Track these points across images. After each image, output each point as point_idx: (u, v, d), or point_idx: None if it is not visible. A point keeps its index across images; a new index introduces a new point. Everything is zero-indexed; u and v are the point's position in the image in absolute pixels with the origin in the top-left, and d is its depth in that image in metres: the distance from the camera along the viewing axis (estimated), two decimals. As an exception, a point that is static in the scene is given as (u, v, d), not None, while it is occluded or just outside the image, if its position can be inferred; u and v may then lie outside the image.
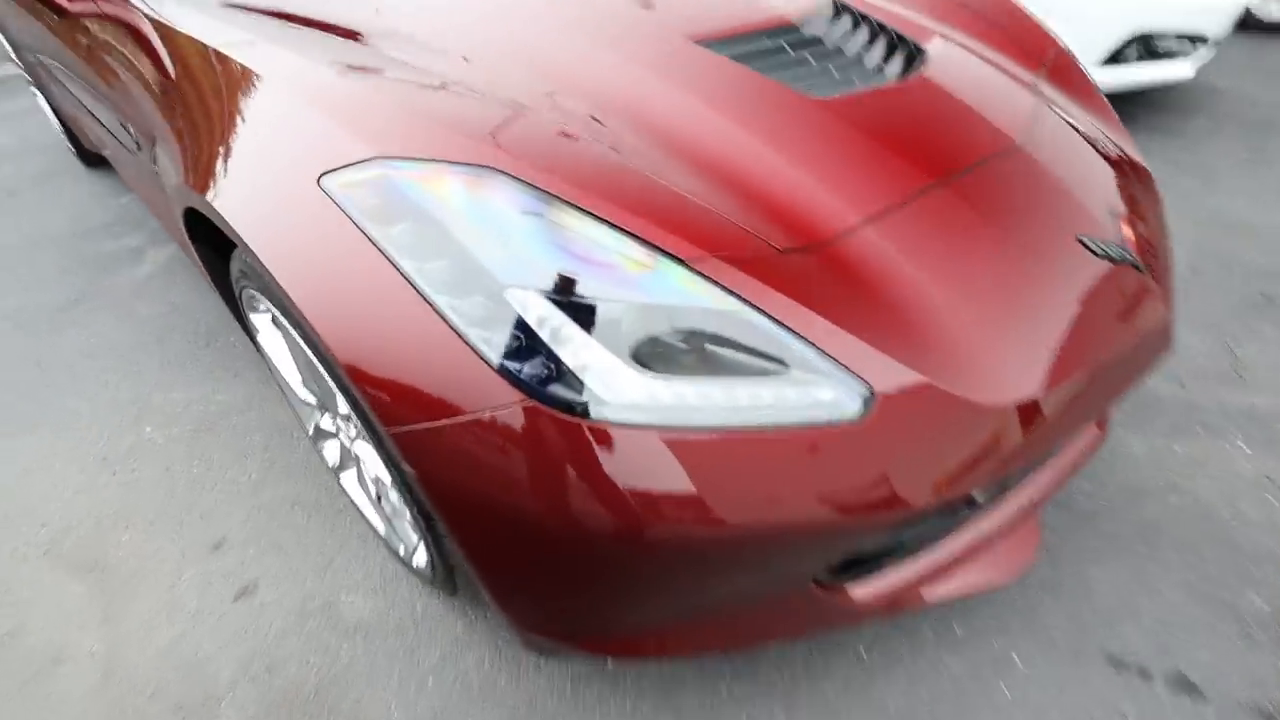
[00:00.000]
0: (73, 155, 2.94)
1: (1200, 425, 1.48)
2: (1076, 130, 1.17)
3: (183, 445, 1.53)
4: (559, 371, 0.66)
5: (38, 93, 2.86)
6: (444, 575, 1.05)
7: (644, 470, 0.66)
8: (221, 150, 0.88)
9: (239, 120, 0.90)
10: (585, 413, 0.66)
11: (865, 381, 0.72)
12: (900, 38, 1.24)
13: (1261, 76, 3.53)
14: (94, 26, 1.38)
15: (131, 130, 1.35)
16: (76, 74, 1.63)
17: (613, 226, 0.72)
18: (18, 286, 2.12)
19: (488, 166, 0.73)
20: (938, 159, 0.94)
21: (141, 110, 1.21)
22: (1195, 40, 2.76)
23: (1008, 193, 0.95)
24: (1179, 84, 3.26)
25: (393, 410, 0.70)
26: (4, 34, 2.71)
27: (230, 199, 0.84)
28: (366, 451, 1.08)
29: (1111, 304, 0.91)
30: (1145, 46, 2.69)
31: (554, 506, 0.67)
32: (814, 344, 0.72)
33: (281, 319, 0.96)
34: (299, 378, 1.21)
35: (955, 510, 0.87)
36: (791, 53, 1.12)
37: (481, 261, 0.68)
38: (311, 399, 1.22)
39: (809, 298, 0.74)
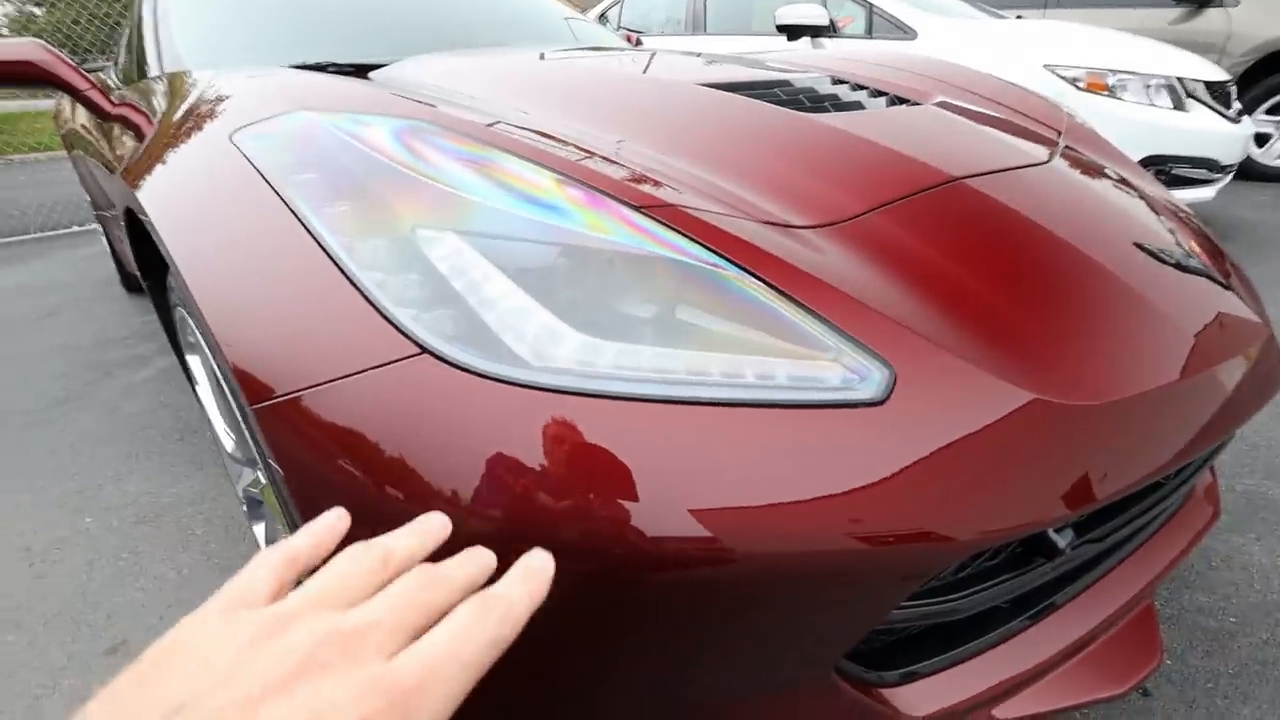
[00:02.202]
0: (118, 283, 3.09)
1: (1334, 530, 1.18)
2: (1112, 170, 1.06)
3: (118, 537, 1.35)
4: (471, 325, 0.51)
5: (103, 235, 3.10)
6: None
7: (569, 451, 0.47)
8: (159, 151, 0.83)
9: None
10: (497, 377, 0.49)
11: (885, 361, 0.54)
12: (901, 98, 1.20)
13: (1288, 211, 3.49)
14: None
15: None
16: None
17: (561, 174, 0.60)
18: (12, 387, 2.09)
19: (420, 119, 0.64)
20: (954, 163, 0.83)
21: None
22: (1210, 166, 2.76)
23: (1042, 196, 0.82)
24: (1203, 205, 3.21)
25: (259, 382, 0.54)
26: (84, 185, 3.00)
27: (152, 183, 0.76)
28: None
29: (1192, 311, 0.73)
30: (1160, 172, 2.69)
31: (442, 496, 0.47)
32: (820, 314, 0.55)
33: (200, 338, 0.83)
34: (224, 423, 1.05)
35: (1029, 562, 0.63)
36: (785, 96, 1.07)
37: (392, 203, 0.56)
38: (232, 444, 1.06)
39: (819, 269, 0.59)
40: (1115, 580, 0.75)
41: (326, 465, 0.51)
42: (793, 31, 3.12)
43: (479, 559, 0.30)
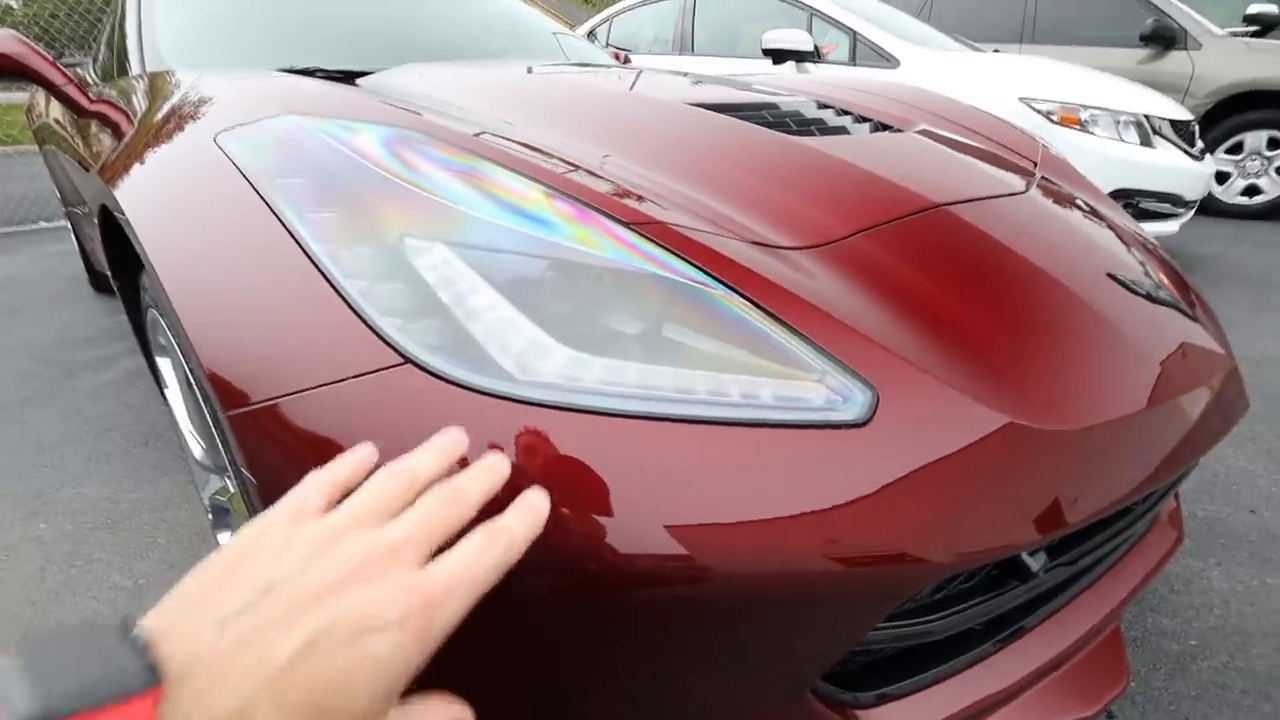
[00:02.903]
0: (86, 282, 3.01)
1: (1290, 556, 1.21)
2: (1085, 201, 1.10)
3: (71, 544, 1.30)
4: (456, 336, 0.50)
5: (71, 233, 3.02)
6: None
7: (552, 466, 0.47)
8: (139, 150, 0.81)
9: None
10: (482, 389, 0.48)
11: (868, 382, 0.54)
12: (884, 124, 1.22)
13: (1248, 247, 3.62)
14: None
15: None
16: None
17: (551, 188, 0.60)
18: (-28, 386, 2.01)
19: (410, 128, 0.63)
20: (937, 190, 0.85)
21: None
22: (1174, 201, 2.86)
23: (1021, 225, 0.84)
24: (1167, 238, 3.32)
25: (235, 388, 0.53)
26: (55, 181, 2.93)
27: (130, 182, 0.74)
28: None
29: (1161, 340, 0.75)
30: (1128, 205, 2.78)
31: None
32: (805, 336, 0.56)
33: (173, 340, 0.81)
34: (193, 429, 1.03)
35: (1002, 584, 0.64)
36: (771, 118, 1.09)
37: (380, 211, 0.56)
38: (201, 451, 1.03)
39: (805, 291, 0.60)
40: (1085, 603, 0.76)
41: (302, 475, 0.50)
42: (778, 56, 3.18)
43: (492, 473, 0.36)
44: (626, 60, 2.38)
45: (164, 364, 1.03)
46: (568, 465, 0.47)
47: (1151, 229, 2.84)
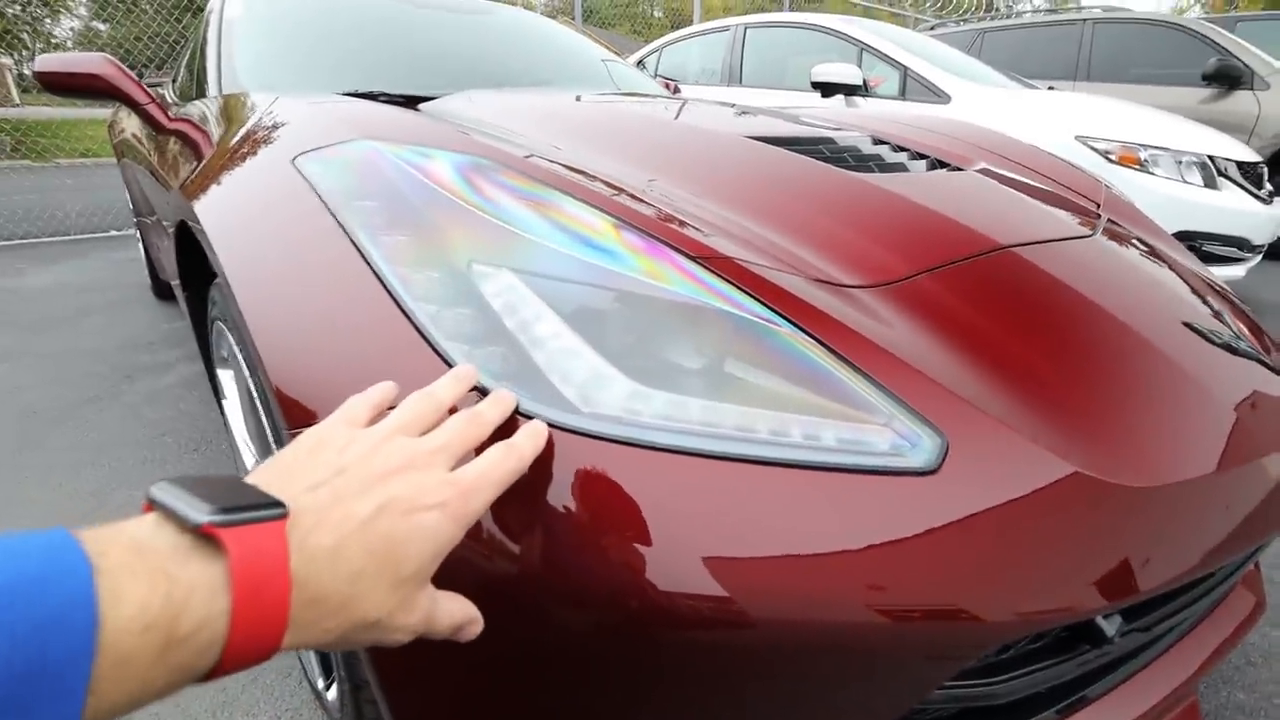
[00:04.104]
0: (149, 289, 3.15)
1: (1379, 631, 1.12)
2: (1153, 245, 1.06)
3: (125, 544, 1.34)
4: (521, 364, 0.50)
5: (139, 241, 3.17)
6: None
7: (611, 501, 0.46)
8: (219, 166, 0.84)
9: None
10: (543, 419, 0.48)
11: (937, 428, 0.53)
12: (941, 162, 1.20)
13: (1318, 294, 3.46)
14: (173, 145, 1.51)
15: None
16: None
17: (619, 219, 0.60)
18: (39, 383, 2.11)
19: (482, 156, 0.65)
20: (1002, 231, 0.83)
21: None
22: (1241, 244, 2.75)
23: (1090, 269, 0.81)
24: (1233, 284, 3.19)
25: (301, 406, 0.54)
26: (129, 192, 3.09)
27: (210, 198, 0.77)
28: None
29: (1245, 397, 0.71)
30: (1192, 249, 2.68)
31: (475, 534, 0.46)
32: (872, 377, 0.54)
33: (237, 353, 0.84)
34: (249, 441, 1.05)
35: (1073, 648, 0.60)
36: (829, 153, 1.08)
37: (450, 236, 0.57)
38: (255, 463, 1.05)
39: (871, 331, 0.59)
40: (1158, 672, 0.72)
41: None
42: (827, 89, 3.19)
43: (504, 403, 0.46)
44: (676, 90, 2.41)
45: (225, 375, 1.06)
46: (625, 500, 0.46)
47: (1216, 274, 2.73)
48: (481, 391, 0.48)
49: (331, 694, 0.83)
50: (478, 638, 0.42)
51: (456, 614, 0.40)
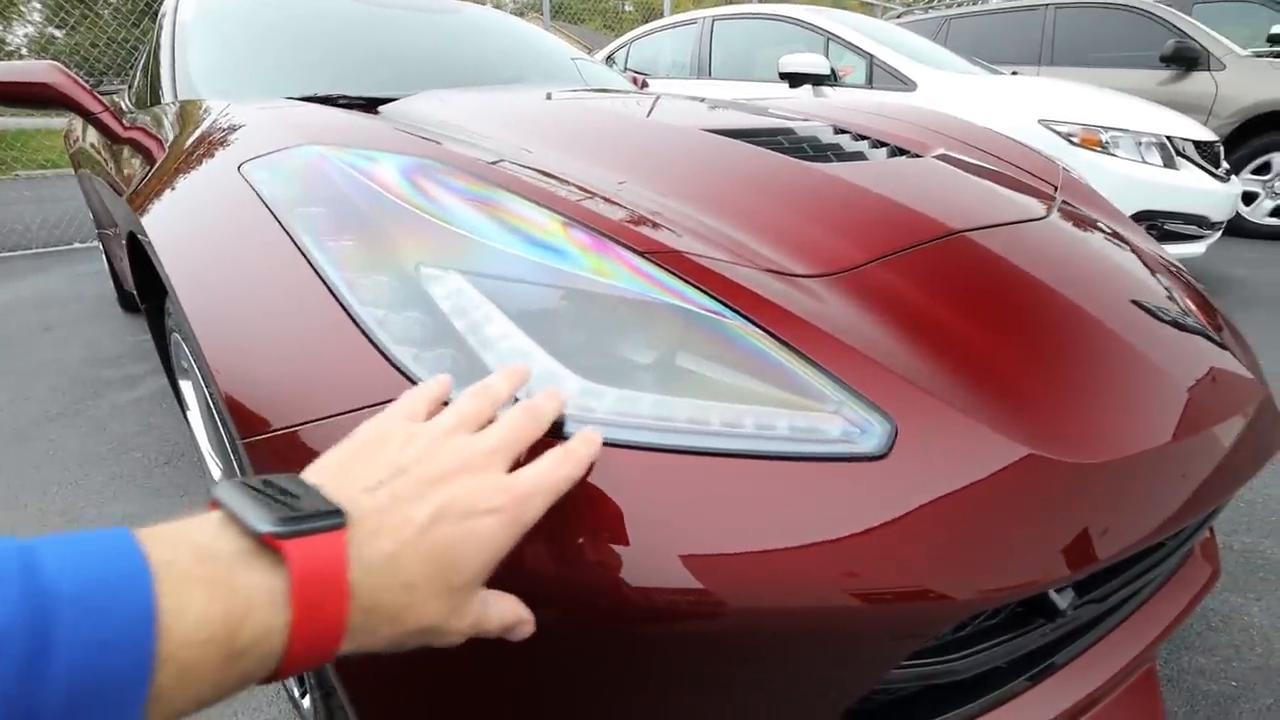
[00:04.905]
0: (114, 301, 3.09)
1: (1333, 592, 1.16)
2: (1107, 226, 1.08)
3: (93, 562, 1.31)
4: (470, 366, 0.50)
5: (103, 253, 3.11)
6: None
7: (564, 498, 0.46)
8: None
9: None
10: (493, 420, 0.48)
11: (886, 414, 0.53)
12: (901, 149, 1.22)
13: (1278, 268, 3.55)
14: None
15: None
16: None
17: (567, 217, 0.60)
18: (1, 401, 2.06)
19: (427, 157, 0.64)
20: (956, 216, 0.84)
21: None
22: (1200, 222, 2.81)
23: (1042, 251, 0.83)
24: (1193, 261, 3.26)
25: (253, 414, 0.53)
26: (89, 204, 3.02)
27: (157, 209, 0.76)
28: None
29: (1190, 368, 0.73)
30: (1152, 228, 2.74)
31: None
32: (821, 366, 0.55)
33: (192, 364, 0.82)
34: (213, 452, 1.04)
35: (1029, 622, 0.61)
36: (788, 144, 1.09)
37: (397, 240, 0.56)
38: (220, 473, 1.04)
39: (821, 320, 0.59)
40: (1116, 641, 0.73)
41: (316, 503, 0.50)
42: (795, 79, 3.20)
43: (558, 398, 0.46)
44: (644, 85, 2.41)
45: (186, 386, 1.05)
46: (580, 496, 0.47)
47: (1177, 251, 2.79)
48: None
49: (306, 702, 0.82)
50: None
51: (508, 614, 0.39)
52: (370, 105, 1.23)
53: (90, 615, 0.24)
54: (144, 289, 1.04)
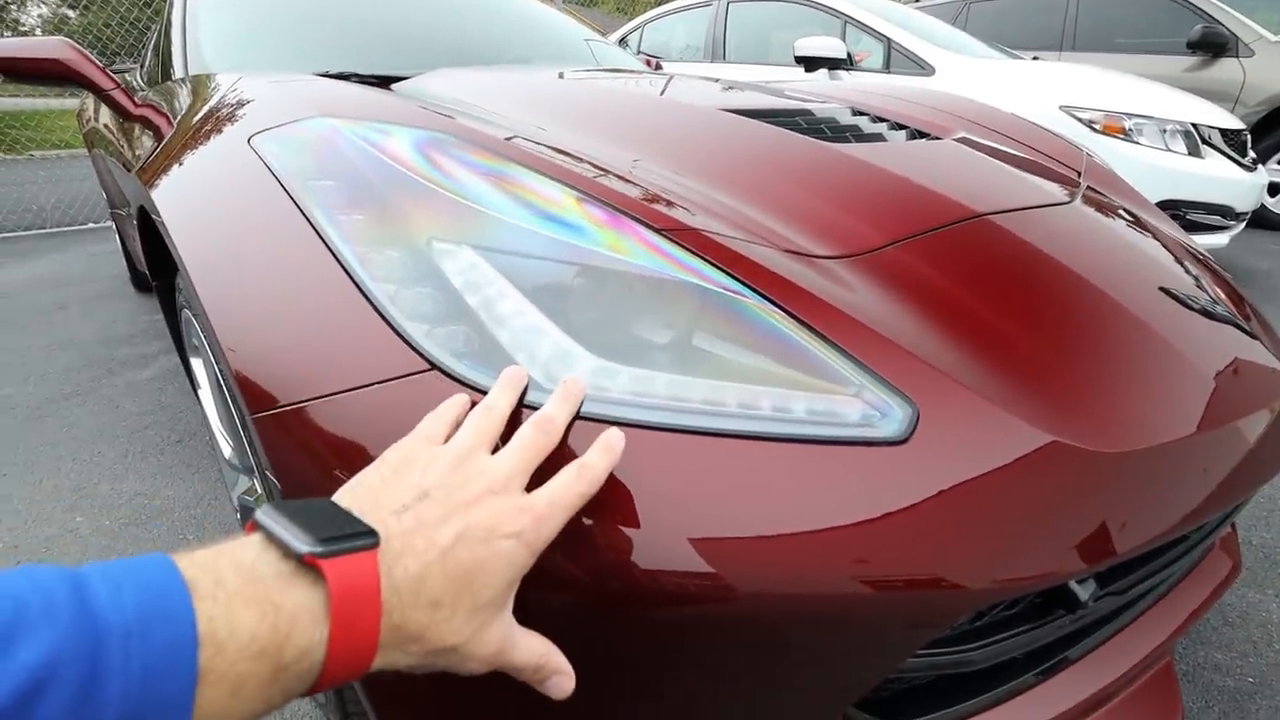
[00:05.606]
0: (128, 281, 3.10)
1: (1354, 590, 1.14)
2: (1133, 212, 1.05)
3: (107, 538, 1.33)
4: (483, 343, 0.49)
5: (116, 233, 3.12)
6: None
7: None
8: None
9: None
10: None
11: (908, 398, 0.52)
12: (921, 132, 1.19)
13: (1302, 261, 3.48)
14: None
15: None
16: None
17: (582, 192, 0.59)
18: (17, 379, 2.08)
19: (441, 131, 0.63)
20: (978, 199, 0.82)
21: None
22: (1224, 212, 2.75)
23: (1066, 236, 0.80)
24: (1217, 251, 3.21)
25: (262, 390, 0.52)
26: (102, 183, 3.02)
27: (166, 184, 0.75)
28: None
29: (1221, 361, 0.71)
30: (1175, 217, 2.69)
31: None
32: (841, 348, 0.53)
33: (205, 341, 0.82)
34: (223, 429, 1.04)
35: (1048, 613, 0.60)
36: (806, 124, 1.07)
37: (409, 214, 0.55)
38: (230, 450, 1.04)
39: (841, 302, 0.58)
40: (1134, 634, 0.72)
41: (326, 480, 0.49)
42: (811, 63, 3.15)
43: (572, 399, 0.45)
44: (658, 67, 2.38)
45: (197, 364, 1.04)
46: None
47: (1200, 241, 2.73)
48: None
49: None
50: None
51: (535, 649, 0.40)
52: (383, 83, 1.21)
53: (140, 644, 0.25)
54: (155, 266, 1.04)
